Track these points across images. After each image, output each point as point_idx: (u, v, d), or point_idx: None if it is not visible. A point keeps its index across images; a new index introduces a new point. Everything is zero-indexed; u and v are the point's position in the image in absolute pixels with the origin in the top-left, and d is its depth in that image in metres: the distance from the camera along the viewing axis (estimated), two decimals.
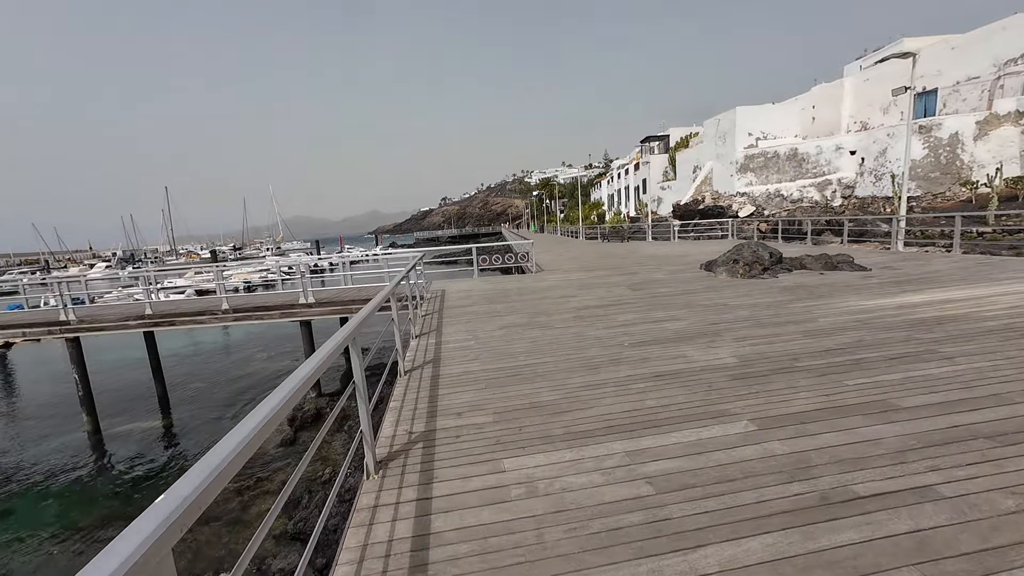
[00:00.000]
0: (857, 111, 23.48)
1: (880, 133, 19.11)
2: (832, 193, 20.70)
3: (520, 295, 9.22)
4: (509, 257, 12.81)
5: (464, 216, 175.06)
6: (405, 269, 7.04)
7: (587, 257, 17.18)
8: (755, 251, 10.34)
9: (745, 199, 22.93)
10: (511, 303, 8.38)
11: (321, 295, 11.12)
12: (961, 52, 18.64)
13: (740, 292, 7.94)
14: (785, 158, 22.03)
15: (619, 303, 7.67)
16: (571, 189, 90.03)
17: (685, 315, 6.46)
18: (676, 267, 12.07)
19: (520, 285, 10.64)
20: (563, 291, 9.34)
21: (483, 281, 11.90)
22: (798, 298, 7.09)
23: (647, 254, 16.64)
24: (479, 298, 9.18)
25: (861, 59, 32.16)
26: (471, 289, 10.53)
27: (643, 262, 13.90)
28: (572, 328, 6.15)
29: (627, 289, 9.02)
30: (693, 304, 7.17)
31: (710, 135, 25.82)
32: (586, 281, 10.57)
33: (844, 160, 20.57)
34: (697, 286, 8.82)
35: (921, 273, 8.52)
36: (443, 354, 5.34)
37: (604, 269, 12.68)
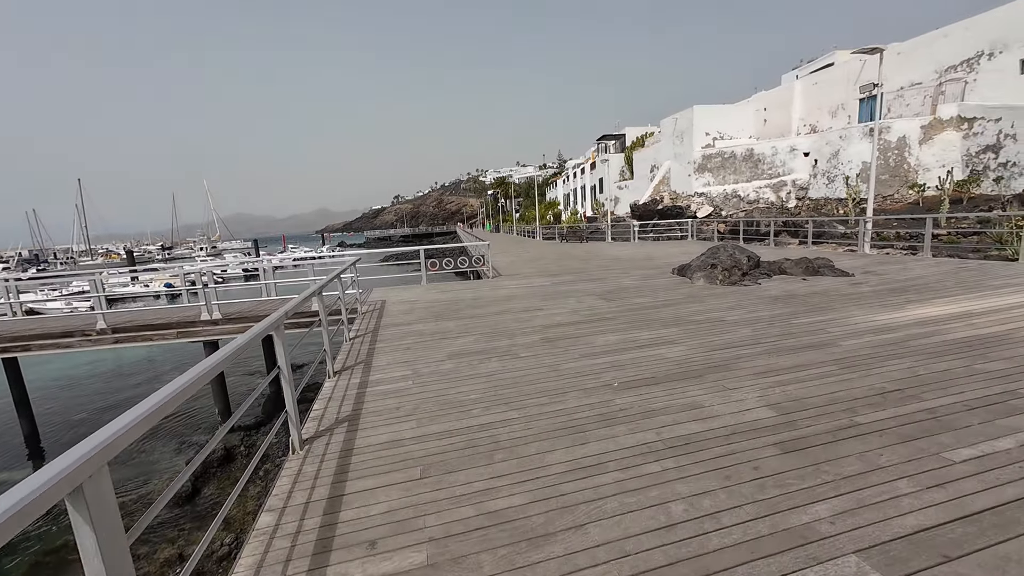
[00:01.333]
0: (806, 114, 23.85)
1: (832, 135, 19.26)
2: (787, 194, 20.75)
3: (475, 307, 7.78)
4: (463, 260, 11.33)
5: (418, 215, 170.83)
6: (327, 277, 5.44)
7: (547, 259, 15.98)
8: (732, 254, 9.46)
9: (703, 199, 22.66)
10: (464, 319, 6.92)
11: (232, 309, 9.15)
12: (905, 58, 19.10)
13: (728, 302, 6.91)
14: (741, 159, 21.93)
15: (594, 318, 6.41)
16: (526, 188, 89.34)
17: (677, 335, 5.28)
18: (645, 271, 11.06)
19: (476, 294, 9.20)
20: (526, 302, 7.99)
21: (433, 289, 10.34)
22: (796, 311, 6.12)
23: (610, 256, 15.66)
24: (426, 312, 7.65)
25: (797, 69, 33.25)
26: (417, 299, 8.96)
27: (608, 265, 12.84)
28: (541, 357, 4.80)
29: (599, 299, 7.81)
30: (682, 319, 6.03)
31: (667, 134, 25.48)
32: (551, 289, 9.29)
33: (798, 162, 20.67)
34: (677, 295, 7.74)
35: (908, 279, 7.88)
36: (366, 406, 3.81)
37: (568, 273, 11.47)
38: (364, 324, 7.03)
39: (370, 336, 6.24)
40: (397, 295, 9.67)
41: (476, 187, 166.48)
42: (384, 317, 7.44)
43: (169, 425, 10.33)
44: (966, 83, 17.27)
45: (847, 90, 21.58)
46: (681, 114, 24.09)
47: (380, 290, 10.61)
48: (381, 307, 8.38)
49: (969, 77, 17.20)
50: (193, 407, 11.03)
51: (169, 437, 9.85)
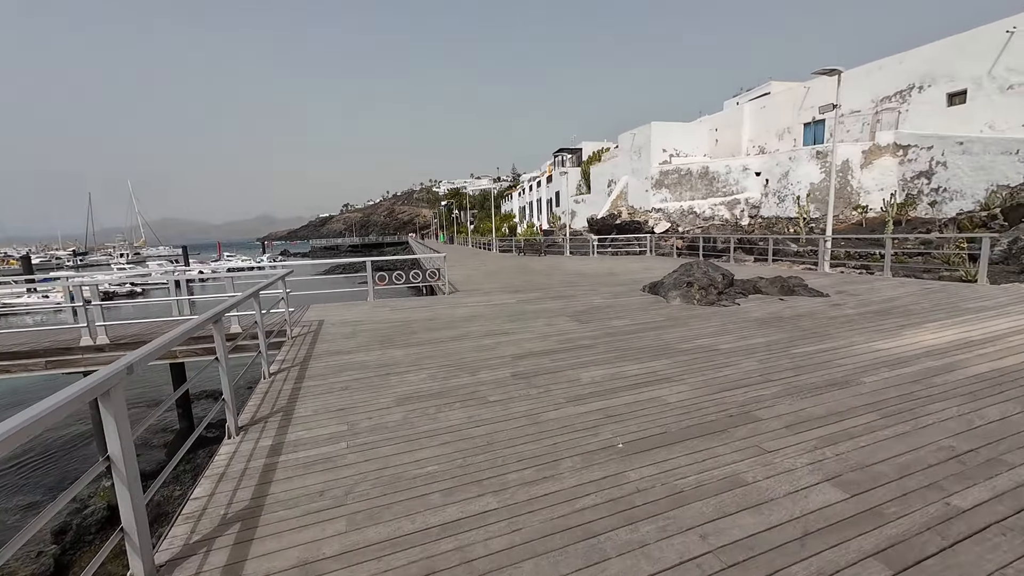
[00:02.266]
0: (755, 136, 24.75)
1: (782, 156, 19.92)
2: (741, 212, 21.21)
3: (430, 330, 6.67)
4: (416, 274, 10.17)
5: (368, 224, 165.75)
6: (232, 297, 4.21)
7: (507, 273, 15.08)
8: (706, 272, 8.97)
9: (661, 215, 22.76)
10: (417, 346, 5.81)
11: (128, 331, 7.47)
12: (847, 87, 20.13)
13: (713, 326, 6.26)
14: (697, 176, 22.27)
15: (570, 345, 5.51)
16: (481, 200, 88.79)
17: (672, 369, 4.48)
18: (613, 288, 10.39)
19: (431, 313, 8.08)
20: (489, 323, 6.99)
21: (381, 307, 9.11)
22: (792, 337, 5.53)
23: (573, 271, 15.01)
24: (371, 336, 6.45)
25: (736, 96, 35.07)
26: (362, 320, 7.72)
27: (573, 281, 12.11)
28: (517, 401, 3.82)
29: (572, 321, 6.95)
30: (670, 348, 5.26)
31: (625, 149, 25.60)
32: (516, 307, 8.34)
33: (751, 181, 21.22)
34: (656, 317, 7.03)
35: (884, 300, 7.64)
36: (273, 494, 2.63)
37: (532, 290, 10.59)
38: (292, 352, 5.74)
39: (297, 370, 4.98)
40: (338, 314, 8.35)
41: (429, 197, 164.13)
42: (319, 343, 6.17)
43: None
44: (899, 113, 18.39)
45: (793, 114, 22.57)
46: (639, 130, 24.29)
47: (319, 307, 9.22)
48: (317, 329, 7.07)
49: (902, 107, 18.33)
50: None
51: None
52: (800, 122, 22.18)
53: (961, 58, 16.37)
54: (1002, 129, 15.32)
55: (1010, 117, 15.16)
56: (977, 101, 16.01)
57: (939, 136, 16.12)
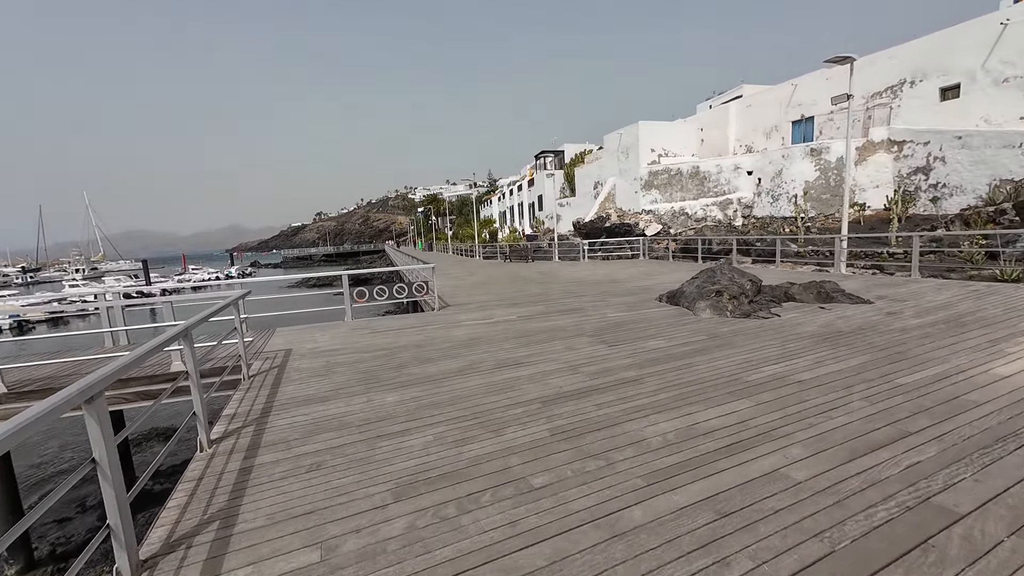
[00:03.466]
0: (742, 135, 24.30)
1: (775, 154, 19.37)
2: (734, 212, 20.57)
3: (425, 362, 5.39)
4: (400, 289, 8.83)
5: (342, 233, 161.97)
6: (185, 324, 2.89)
7: (498, 282, 13.85)
8: (732, 278, 7.96)
9: (651, 217, 21.96)
10: (412, 387, 4.52)
11: (36, 374, 5.92)
12: (834, 83, 19.80)
13: (768, 345, 5.20)
14: (688, 176, 21.58)
15: (610, 380, 4.33)
16: (459, 205, 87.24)
17: (763, 417, 3.34)
18: (623, 298, 9.30)
19: (423, 337, 6.78)
20: (497, 350, 5.75)
21: (361, 329, 7.75)
22: (875, 359, 4.49)
23: (568, 278, 13.90)
24: (350, 373, 5.13)
25: (709, 99, 34.92)
26: (338, 348, 6.36)
27: (573, 290, 10.97)
28: (572, 489, 2.59)
29: (596, 343, 5.77)
30: (737, 379, 4.14)
31: (612, 150, 24.80)
32: (521, 325, 7.12)
33: (743, 180, 20.63)
34: (694, 334, 5.93)
35: (939, 307, 6.75)
36: None
37: (533, 302, 9.40)
38: (247, 403, 4.37)
39: (250, 435, 3.64)
40: (310, 340, 6.96)
41: (405, 204, 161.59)
42: (284, 384, 4.81)
43: None
44: (891, 108, 18.06)
45: (780, 112, 22.17)
46: (626, 130, 23.51)
47: (287, 332, 7.80)
48: (283, 363, 5.69)
49: (893, 103, 18.01)
50: None
51: None
52: (788, 120, 21.79)
53: (953, 52, 16.09)
54: (998, 123, 15.03)
55: (1006, 110, 14.88)
56: (971, 95, 15.73)
57: (936, 131, 15.75)
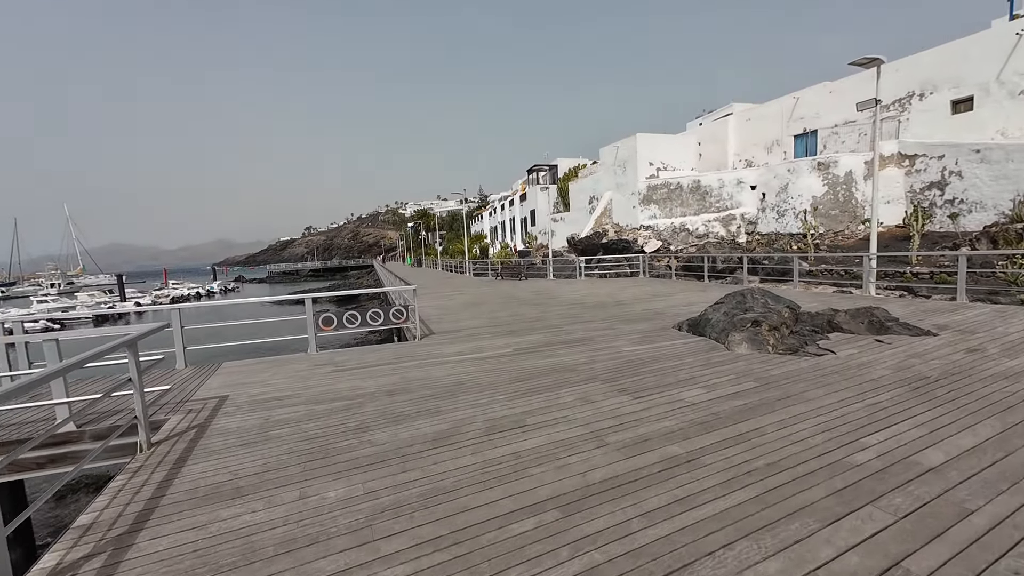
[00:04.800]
0: (742, 149, 23.60)
1: (780, 168, 18.55)
2: (737, 228, 19.64)
3: (395, 423, 4.05)
4: (375, 315, 7.50)
5: (331, 247, 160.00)
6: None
7: (490, 303, 12.56)
8: (767, 303, 6.78)
9: (650, 233, 20.95)
10: (371, 470, 3.18)
11: None
12: (838, 96, 19.20)
13: (845, 398, 3.97)
14: (688, 190, 20.68)
15: (653, 465, 3.02)
16: (449, 221, 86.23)
17: (913, 549, 2.07)
18: (633, 325, 8.07)
19: (396, 379, 5.43)
20: (490, 402, 4.43)
21: (323, 365, 6.40)
22: (1003, 424, 3.28)
23: (567, 299, 12.66)
24: (290, 440, 3.77)
25: (700, 118, 34.52)
26: (287, 395, 5.00)
27: (576, 315, 9.72)
28: None
29: (616, 392, 4.49)
30: (839, 465, 2.87)
31: (608, 163, 23.91)
32: (519, 363, 5.82)
33: (746, 195, 19.76)
34: (739, 379, 4.68)
35: (1019, 339, 5.62)
36: None
37: (531, 329, 8.11)
38: (128, 493, 2.99)
39: None
40: (257, 381, 5.58)
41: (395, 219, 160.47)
42: (191, 462, 3.44)
43: None
44: (899, 122, 17.39)
45: (781, 126, 21.50)
46: (623, 142, 22.67)
47: (234, 368, 6.41)
48: (207, 420, 4.32)
49: (902, 116, 17.34)
50: None
51: None
52: (790, 134, 21.10)
53: (965, 63, 15.48)
54: (1016, 136, 14.31)
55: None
56: (986, 107, 15.05)
57: (951, 144, 15.01)
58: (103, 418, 4.57)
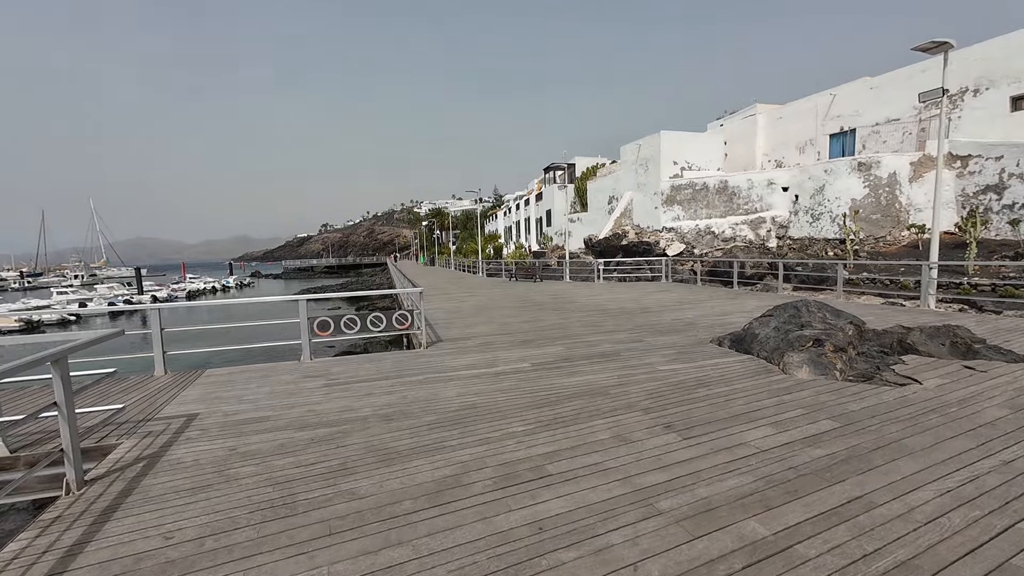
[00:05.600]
0: (771, 149, 22.41)
1: (816, 169, 17.38)
2: (767, 232, 18.50)
3: (381, 464, 3.25)
4: (377, 319, 6.74)
5: (347, 245, 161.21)
6: None
7: (504, 307, 11.75)
8: (825, 318, 5.85)
9: (673, 235, 19.92)
10: (338, 540, 2.39)
11: None
12: (880, 93, 17.94)
13: (964, 450, 3.05)
14: (715, 191, 19.59)
15: (730, 553, 2.18)
16: (464, 220, 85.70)
17: None
18: (665, 337, 7.18)
19: (391, 399, 4.65)
20: (502, 437, 3.61)
21: (313, 377, 5.67)
22: None
23: (587, 303, 11.78)
24: (248, 485, 2.99)
25: (721, 119, 33.18)
26: (263, 418, 4.25)
27: (599, 322, 8.86)
28: None
29: (663, 427, 3.62)
30: (985, 568, 1.99)
31: (629, 162, 22.92)
32: (540, 384, 4.98)
33: (777, 197, 18.61)
34: (816, 416, 3.77)
35: None
36: None
37: (551, 340, 7.27)
38: (34, 552, 2.25)
39: None
40: (235, 395, 4.86)
41: (410, 218, 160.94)
42: (118, 515, 2.69)
43: None
44: (949, 120, 16.09)
45: (815, 125, 20.27)
46: (645, 140, 21.66)
47: (218, 376, 5.72)
48: (163, 448, 3.59)
49: (952, 114, 16.05)
50: None
51: None
52: (825, 133, 19.87)
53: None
54: None
55: None
56: None
57: (1012, 144, 13.73)
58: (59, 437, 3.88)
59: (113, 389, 5.42)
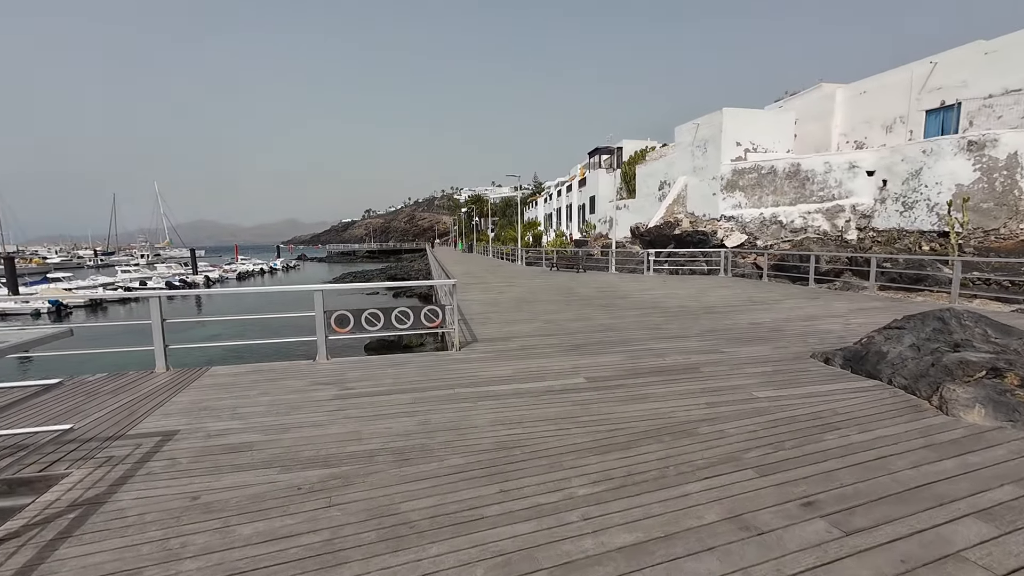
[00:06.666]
0: (851, 129, 19.83)
1: (911, 149, 14.99)
2: (846, 222, 16.29)
3: (392, 554, 2.24)
4: (402, 315, 5.80)
5: (388, 230, 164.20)
6: None
7: (547, 301, 10.60)
8: (989, 336, 4.36)
9: (732, 224, 18.01)
10: None
11: None
12: (994, 59, 15.19)
13: None
14: (784, 176, 17.45)
15: None
16: (503, 207, 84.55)
17: None
18: (751, 347, 5.84)
19: (410, 425, 3.65)
20: (555, 508, 2.51)
21: (326, 383, 4.78)
22: None
23: (641, 300, 10.45)
24: (193, 566, 2.06)
25: (779, 101, 29.86)
26: (254, 443, 3.35)
27: (659, 324, 7.57)
28: None
29: (800, 507, 2.40)
30: None
31: (685, 143, 20.95)
32: (600, 411, 3.84)
33: (859, 182, 16.31)
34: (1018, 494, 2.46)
35: None
36: None
37: (606, 346, 6.09)
38: None
39: None
40: (227, 409, 4.02)
41: (450, 204, 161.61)
42: None
43: None
44: None
45: (907, 100, 17.60)
46: (705, 119, 19.62)
47: (222, 375, 4.95)
48: (115, 484, 2.74)
49: None
50: None
51: None
52: (920, 108, 17.20)
53: None
54: None
55: None
56: None
57: None
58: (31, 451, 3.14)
59: (105, 388, 4.74)
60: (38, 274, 46.44)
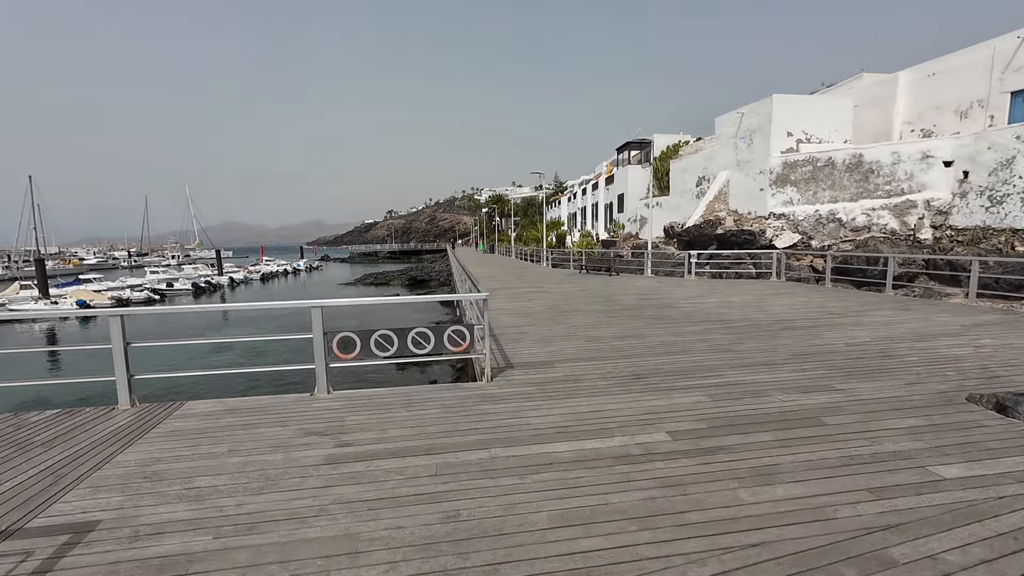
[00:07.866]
0: (916, 116, 17.84)
1: (1002, 135, 13.09)
2: (918, 220, 14.45)
3: None
4: (422, 337, 4.65)
5: (409, 231, 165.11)
6: None
7: (585, 311, 9.31)
8: None
9: (783, 223, 16.32)
10: None
11: None
12: None
13: None
14: (844, 168, 15.67)
15: None
16: (524, 207, 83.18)
17: None
18: (875, 381, 4.46)
19: (434, 521, 2.45)
20: None
21: (316, 436, 3.64)
22: None
23: (695, 311, 9.06)
24: None
25: (817, 92, 27.59)
26: (200, 556, 2.21)
27: (730, 345, 6.22)
28: None
29: None
30: None
31: (727, 135, 19.29)
32: (701, 489, 2.57)
33: (934, 174, 14.44)
34: None
35: None
36: None
37: (675, 375, 4.80)
38: None
39: None
40: (184, 472, 2.92)
41: (470, 204, 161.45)
42: None
43: None
44: None
45: (986, 81, 15.59)
46: (752, 107, 17.93)
47: (189, 420, 3.89)
48: None
49: None
50: None
51: None
52: (1004, 90, 15.19)
53: None
54: None
55: None
56: None
57: None
58: None
59: (47, 431, 3.73)
60: (71, 275, 47.48)
